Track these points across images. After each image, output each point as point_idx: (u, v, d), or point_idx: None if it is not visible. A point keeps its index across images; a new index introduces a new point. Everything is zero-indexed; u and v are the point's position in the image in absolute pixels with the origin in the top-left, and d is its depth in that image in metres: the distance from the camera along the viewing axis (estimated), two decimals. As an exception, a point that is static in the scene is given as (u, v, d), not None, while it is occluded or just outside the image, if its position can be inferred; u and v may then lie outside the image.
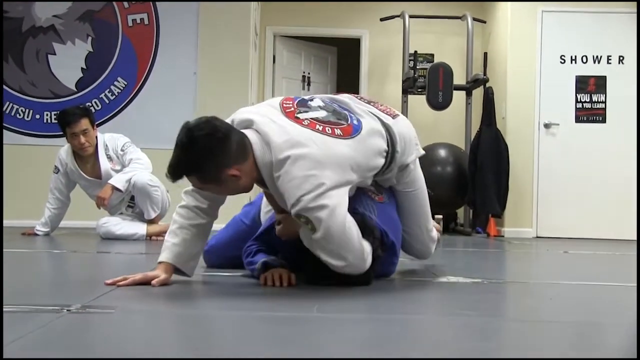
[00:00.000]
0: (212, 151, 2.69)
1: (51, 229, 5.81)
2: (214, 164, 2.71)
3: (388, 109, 3.11)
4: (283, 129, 2.74)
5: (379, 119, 2.97)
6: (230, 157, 2.70)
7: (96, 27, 7.72)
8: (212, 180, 2.76)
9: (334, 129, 2.79)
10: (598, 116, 8.01)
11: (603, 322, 2.37)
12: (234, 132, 2.76)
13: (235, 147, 2.71)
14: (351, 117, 2.90)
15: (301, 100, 2.95)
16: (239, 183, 2.76)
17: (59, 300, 2.41)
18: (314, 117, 2.83)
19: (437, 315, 2.37)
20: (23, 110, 7.63)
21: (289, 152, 2.66)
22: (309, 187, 2.63)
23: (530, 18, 8.12)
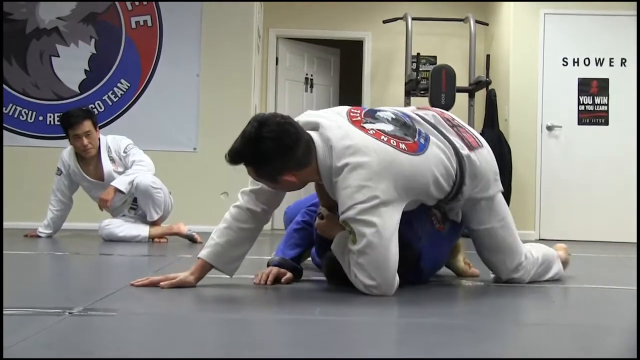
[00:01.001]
0: (275, 157, 2.67)
1: (54, 231, 5.82)
2: (272, 167, 2.71)
3: (471, 138, 2.99)
4: (347, 135, 2.72)
5: (452, 146, 2.87)
6: (292, 165, 2.70)
7: (99, 29, 7.73)
8: (267, 178, 2.79)
9: (398, 142, 2.73)
10: (601, 118, 8.01)
11: (604, 324, 2.37)
12: (303, 138, 2.70)
13: (300, 155, 2.69)
14: (420, 134, 2.83)
15: (369, 111, 2.90)
16: (293, 185, 2.80)
17: (61, 302, 2.42)
18: (380, 128, 2.78)
19: (438, 318, 2.37)
20: (26, 112, 7.64)
21: (349, 159, 2.65)
22: (361, 198, 2.62)
23: (532, 20, 8.12)
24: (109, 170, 5.67)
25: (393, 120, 2.84)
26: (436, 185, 2.79)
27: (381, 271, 2.64)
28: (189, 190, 7.34)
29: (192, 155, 7.68)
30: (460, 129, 2.98)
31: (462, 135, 2.96)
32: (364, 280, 2.65)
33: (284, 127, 2.67)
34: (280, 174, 2.71)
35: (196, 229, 5.90)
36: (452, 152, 2.85)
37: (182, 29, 7.75)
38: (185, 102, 7.69)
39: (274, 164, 2.68)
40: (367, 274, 2.65)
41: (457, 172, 2.85)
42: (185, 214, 6.41)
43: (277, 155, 2.66)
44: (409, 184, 2.70)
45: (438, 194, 2.83)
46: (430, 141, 2.81)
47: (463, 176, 2.87)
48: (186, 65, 7.72)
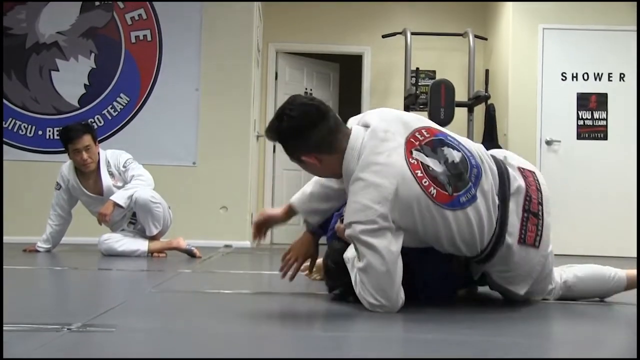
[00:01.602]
0: (291, 135, 2.74)
1: (53, 246, 5.80)
2: (292, 145, 2.77)
3: (533, 235, 2.77)
4: (383, 152, 2.66)
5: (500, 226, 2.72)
6: (309, 146, 2.74)
7: (99, 44, 7.74)
8: (291, 156, 2.81)
9: (431, 185, 2.62)
10: (599, 133, 8.02)
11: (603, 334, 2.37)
12: (326, 123, 2.73)
13: (319, 138, 2.72)
14: (467, 192, 2.67)
15: (438, 141, 2.74)
16: (319, 168, 2.81)
17: (59, 318, 2.41)
18: (426, 164, 2.65)
19: (439, 334, 2.36)
20: (25, 126, 7.64)
21: (368, 175, 2.62)
22: (364, 218, 2.59)
23: (531, 35, 8.14)
24: (108, 184, 5.67)
25: (451, 164, 2.68)
26: (451, 244, 2.70)
27: (383, 292, 2.61)
28: (188, 204, 7.34)
29: (192, 170, 7.68)
30: (532, 219, 2.77)
31: (527, 224, 2.77)
32: (367, 297, 2.64)
33: (305, 108, 2.74)
34: (300, 153, 2.76)
35: (195, 243, 5.89)
36: (492, 230, 2.72)
37: (181, 44, 7.76)
38: (185, 117, 7.70)
39: (291, 141, 2.76)
40: (369, 292, 2.63)
41: (487, 247, 2.74)
42: (184, 229, 6.40)
43: (292, 133, 2.74)
44: (416, 225, 2.63)
45: (453, 251, 2.75)
46: (472, 205, 2.67)
47: (492, 255, 2.75)
48: (186, 80, 7.73)
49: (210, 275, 4.51)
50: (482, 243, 2.72)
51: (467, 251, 2.74)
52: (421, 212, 2.61)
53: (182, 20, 7.78)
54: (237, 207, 7.71)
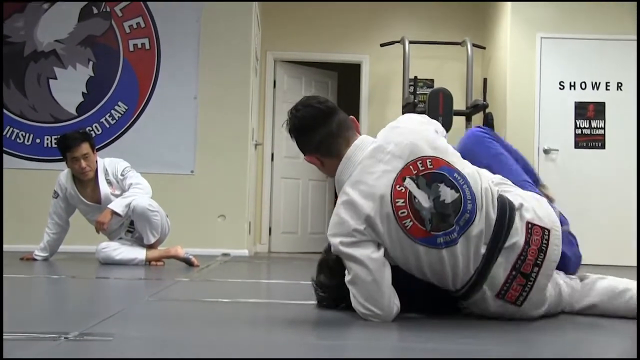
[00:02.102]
0: (296, 133, 2.85)
1: (50, 254, 5.80)
2: (298, 143, 2.87)
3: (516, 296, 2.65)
4: (375, 171, 2.65)
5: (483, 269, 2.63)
6: (310, 146, 2.83)
7: (97, 52, 7.75)
8: (302, 152, 2.88)
9: (408, 217, 2.59)
10: (597, 142, 8.03)
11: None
12: (328, 127, 2.79)
13: (318, 141, 2.79)
14: (446, 235, 2.60)
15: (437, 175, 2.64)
16: (323, 169, 2.87)
17: (56, 327, 2.40)
18: (414, 195, 2.61)
19: (435, 343, 2.36)
20: (23, 135, 7.64)
21: (353, 192, 2.64)
22: (341, 232, 2.63)
23: (529, 44, 8.16)
24: (106, 193, 5.66)
25: (440, 203, 2.61)
26: (420, 273, 2.68)
27: (374, 301, 2.61)
28: (186, 213, 7.33)
29: (190, 178, 7.68)
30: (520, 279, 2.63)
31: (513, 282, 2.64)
32: (360, 308, 2.64)
33: (309, 110, 2.83)
34: (304, 151, 2.86)
35: (193, 252, 5.89)
36: (467, 276, 2.65)
37: (179, 52, 7.77)
38: (183, 125, 7.70)
39: (298, 140, 2.85)
40: (361, 303, 2.63)
41: (461, 290, 2.68)
42: (182, 237, 6.40)
43: (296, 132, 2.85)
44: (386, 245, 2.63)
45: (424, 279, 2.71)
46: (449, 248, 2.60)
47: (467, 297, 2.69)
48: (184, 88, 7.74)
49: (208, 284, 4.51)
50: (454, 284, 2.68)
51: (438, 284, 2.71)
52: (392, 242, 2.62)
53: (180, 28, 7.79)
54: (235, 215, 7.70)
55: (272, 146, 9.26)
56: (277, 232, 9.31)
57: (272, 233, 9.26)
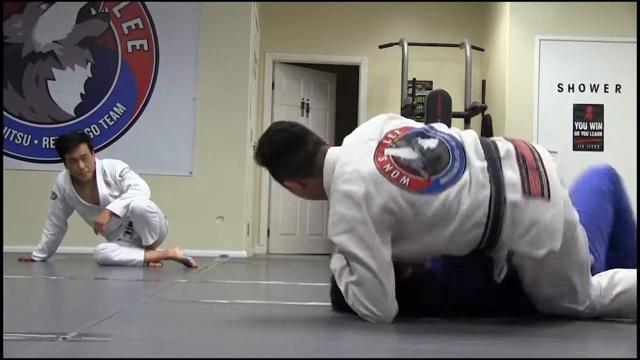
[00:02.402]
0: (272, 162, 2.79)
1: (48, 255, 5.79)
2: (274, 170, 2.81)
3: (537, 185, 2.59)
4: (351, 160, 2.63)
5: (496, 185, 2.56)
6: (290, 171, 2.76)
7: (96, 53, 7.74)
8: (277, 180, 2.85)
9: (402, 176, 2.54)
10: (595, 144, 8.03)
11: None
12: (304, 147, 2.74)
13: (297, 163, 2.74)
14: (447, 173, 2.56)
15: (414, 134, 2.67)
16: (304, 193, 2.82)
17: (55, 328, 2.40)
18: (396, 155, 2.58)
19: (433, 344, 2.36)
20: (22, 136, 7.64)
21: (339, 186, 2.60)
22: (343, 228, 2.56)
23: (528, 46, 8.17)
24: (104, 194, 5.66)
25: (426, 150, 2.60)
26: (442, 229, 2.57)
27: (378, 303, 2.58)
28: (184, 214, 7.33)
29: (188, 180, 7.68)
30: (532, 172, 2.62)
31: (528, 177, 2.61)
32: (361, 309, 2.62)
33: (282, 134, 2.78)
34: (282, 178, 2.79)
35: (191, 253, 5.89)
36: (487, 192, 2.55)
37: (178, 53, 7.77)
38: (182, 126, 7.70)
39: (272, 167, 2.80)
40: (362, 304, 2.61)
41: (490, 213, 2.55)
42: (180, 239, 6.39)
43: (272, 160, 2.79)
44: (404, 224, 2.56)
45: (453, 239, 2.59)
46: (457, 183, 2.55)
47: (498, 220, 2.55)
48: (182, 89, 7.73)
49: (207, 285, 4.50)
50: (482, 208, 2.55)
51: (465, 246, 2.61)
52: (401, 208, 2.53)
53: (179, 29, 7.79)
54: (234, 217, 7.70)
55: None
56: (276, 234, 9.31)
57: (271, 234, 9.26)
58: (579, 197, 2.91)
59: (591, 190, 3.02)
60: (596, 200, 3.00)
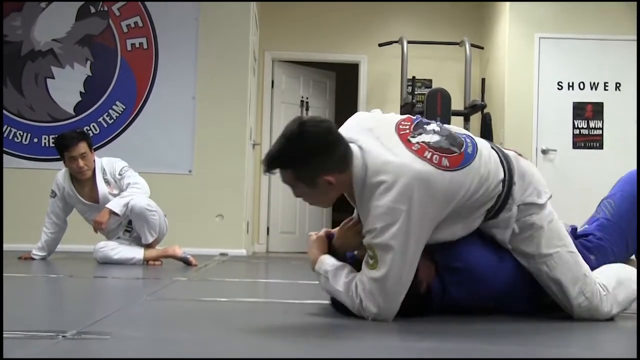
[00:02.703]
0: (319, 151, 2.59)
1: (48, 253, 5.79)
2: (315, 164, 2.60)
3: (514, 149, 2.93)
4: (388, 151, 2.61)
5: (498, 151, 2.79)
6: (333, 163, 2.60)
7: (95, 51, 7.74)
8: (306, 181, 2.64)
9: (441, 158, 2.59)
10: (595, 142, 8.03)
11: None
12: (344, 141, 2.63)
13: (339, 156, 2.61)
14: (467, 143, 2.70)
15: (418, 123, 2.74)
16: (329, 193, 2.67)
17: (54, 326, 2.40)
18: (425, 141, 2.63)
19: (431, 342, 2.36)
20: (21, 134, 7.63)
21: (383, 177, 2.54)
22: (389, 220, 2.52)
23: (527, 44, 8.16)
24: (104, 192, 5.65)
25: (439, 131, 2.70)
26: (488, 189, 2.67)
27: (391, 302, 2.57)
28: (184, 212, 7.32)
29: (188, 178, 7.67)
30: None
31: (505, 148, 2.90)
32: (370, 307, 2.58)
33: (326, 124, 2.65)
34: (322, 174, 2.60)
35: (191, 251, 5.88)
36: (498, 154, 2.78)
37: (177, 51, 7.76)
38: (181, 125, 7.69)
39: (318, 160, 2.59)
40: (375, 302, 2.58)
41: (505, 170, 2.72)
42: (180, 237, 6.39)
43: (321, 149, 2.59)
44: (450, 201, 2.60)
45: (487, 201, 2.69)
46: (478, 147, 2.71)
47: (512, 174, 2.73)
48: (182, 88, 7.73)
49: (206, 284, 4.50)
50: (499, 166, 2.73)
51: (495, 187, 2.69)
52: (446, 187, 2.57)
53: (178, 28, 7.78)
54: (233, 215, 7.69)
55: (270, 146, 9.23)
56: (275, 232, 9.31)
57: (270, 233, 9.26)
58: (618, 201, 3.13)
59: (629, 197, 3.16)
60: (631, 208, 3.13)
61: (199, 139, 7.70)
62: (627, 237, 3.07)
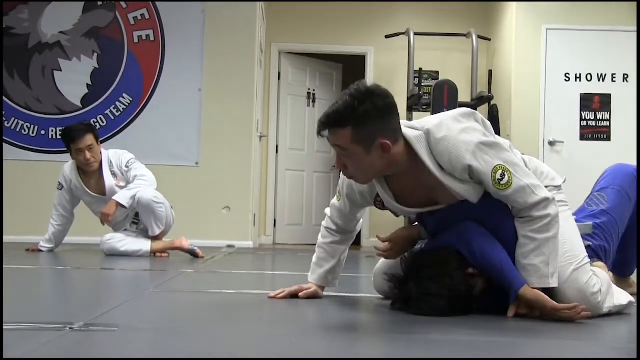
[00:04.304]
0: (384, 111, 2.56)
1: (55, 245, 5.80)
2: (379, 125, 2.55)
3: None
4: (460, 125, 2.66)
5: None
6: (392, 129, 2.58)
7: (102, 44, 7.74)
8: (363, 142, 2.55)
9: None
10: (602, 134, 8.01)
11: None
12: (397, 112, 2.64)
13: (397, 122, 2.60)
14: None
15: None
16: (380, 162, 2.59)
17: (61, 318, 2.41)
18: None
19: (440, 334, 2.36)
20: (28, 126, 7.65)
21: (464, 124, 2.63)
22: (536, 180, 2.65)
23: (534, 36, 8.14)
24: (110, 184, 5.66)
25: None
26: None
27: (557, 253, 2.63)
28: (190, 204, 7.33)
29: (194, 170, 7.68)
30: None
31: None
32: (551, 216, 2.63)
33: (385, 89, 2.62)
34: (381, 135, 2.55)
35: (198, 243, 5.89)
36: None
37: (184, 44, 7.77)
38: (188, 117, 7.70)
39: (379, 122, 2.55)
40: (553, 209, 2.64)
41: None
42: (187, 229, 6.40)
43: (384, 112, 2.56)
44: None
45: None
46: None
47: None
48: (188, 80, 7.73)
49: (213, 276, 4.51)
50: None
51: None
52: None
53: (185, 20, 7.78)
54: (240, 207, 7.70)
55: (277, 138, 9.26)
56: (282, 224, 9.31)
57: (277, 225, 9.26)
58: (611, 195, 3.13)
59: (620, 191, 3.17)
60: (623, 203, 3.16)
61: (206, 131, 7.71)
62: (620, 230, 3.13)
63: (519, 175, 2.59)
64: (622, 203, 3.13)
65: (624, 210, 3.12)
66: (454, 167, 2.58)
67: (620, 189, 3.15)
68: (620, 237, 3.14)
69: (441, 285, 2.59)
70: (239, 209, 7.70)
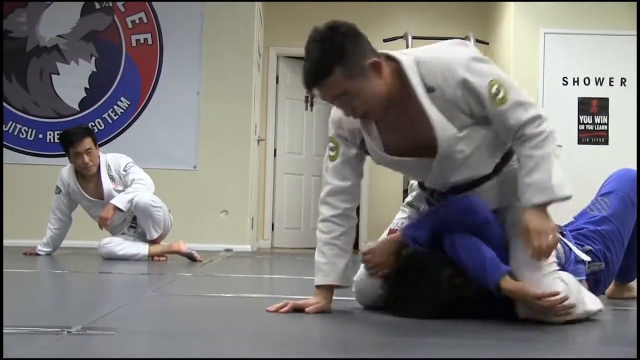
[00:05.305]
0: (353, 36, 2.59)
1: (53, 249, 5.80)
2: (357, 49, 2.56)
3: None
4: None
5: None
6: (369, 47, 2.60)
7: (100, 47, 7.74)
8: (356, 73, 2.54)
9: None
10: (600, 138, 8.01)
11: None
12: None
13: (369, 43, 2.63)
14: None
15: None
16: (381, 80, 2.57)
17: (59, 321, 2.40)
18: None
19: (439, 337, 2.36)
20: (26, 130, 7.64)
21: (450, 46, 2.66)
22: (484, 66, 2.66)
23: (532, 40, 8.14)
24: (108, 188, 5.66)
25: None
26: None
27: None
28: (188, 208, 7.33)
29: (192, 174, 7.68)
30: None
31: None
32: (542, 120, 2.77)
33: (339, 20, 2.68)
34: (366, 56, 2.57)
35: (196, 247, 5.89)
36: None
37: (182, 47, 7.77)
38: (186, 120, 7.70)
39: (357, 47, 2.58)
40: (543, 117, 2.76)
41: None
42: (184, 233, 6.39)
43: (356, 36, 2.60)
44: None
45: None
46: None
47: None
48: (186, 83, 7.73)
49: (211, 279, 4.51)
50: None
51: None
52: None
53: (183, 23, 7.78)
54: (238, 211, 7.70)
55: (275, 142, 9.26)
56: (280, 228, 9.31)
57: (275, 228, 9.26)
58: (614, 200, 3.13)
59: (624, 197, 3.16)
60: (625, 209, 3.14)
61: (204, 135, 7.71)
62: (623, 237, 3.08)
63: (513, 91, 2.62)
64: (625, 209, 3.10)
65: (626, 216, 3.09)
66: (447, 83, 2.53)
67: (624, 194, 3.13)
68: (625, 245, 3.10)
69: (427, 289, 2.59)
70: (237, 213, 7.70)
